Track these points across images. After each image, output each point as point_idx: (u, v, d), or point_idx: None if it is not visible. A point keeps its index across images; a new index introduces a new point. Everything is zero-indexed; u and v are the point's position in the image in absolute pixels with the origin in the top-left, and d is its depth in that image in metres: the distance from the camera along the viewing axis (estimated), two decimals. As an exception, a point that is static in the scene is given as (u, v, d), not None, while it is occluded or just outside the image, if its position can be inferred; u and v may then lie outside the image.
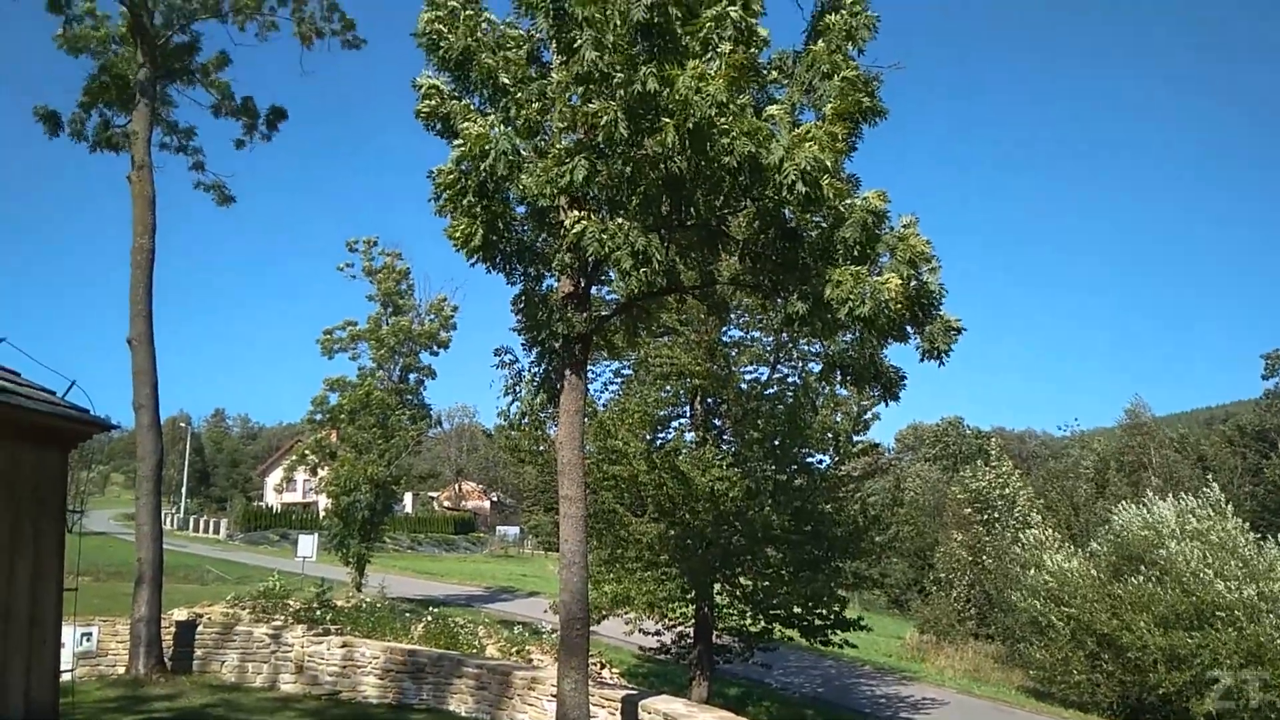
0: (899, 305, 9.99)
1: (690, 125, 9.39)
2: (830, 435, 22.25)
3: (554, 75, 11.20)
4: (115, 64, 20.41)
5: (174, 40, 20.92)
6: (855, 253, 10.27)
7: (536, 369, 12.68)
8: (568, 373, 12.26)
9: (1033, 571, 34.98)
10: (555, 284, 12.65)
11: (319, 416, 35.67)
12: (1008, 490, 51.60)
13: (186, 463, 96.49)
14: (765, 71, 11.72)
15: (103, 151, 20.96)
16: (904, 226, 10.68)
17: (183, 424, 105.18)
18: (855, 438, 22.58)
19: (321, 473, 36.35)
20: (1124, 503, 35.73)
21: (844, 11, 10.84)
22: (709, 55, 9.68)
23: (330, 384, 35.37)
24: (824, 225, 10.60)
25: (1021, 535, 40.78)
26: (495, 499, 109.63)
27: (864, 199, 10.36)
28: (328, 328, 35.75)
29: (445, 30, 11.33)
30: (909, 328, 10.88)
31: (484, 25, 11.76)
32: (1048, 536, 38.95)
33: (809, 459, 22.66)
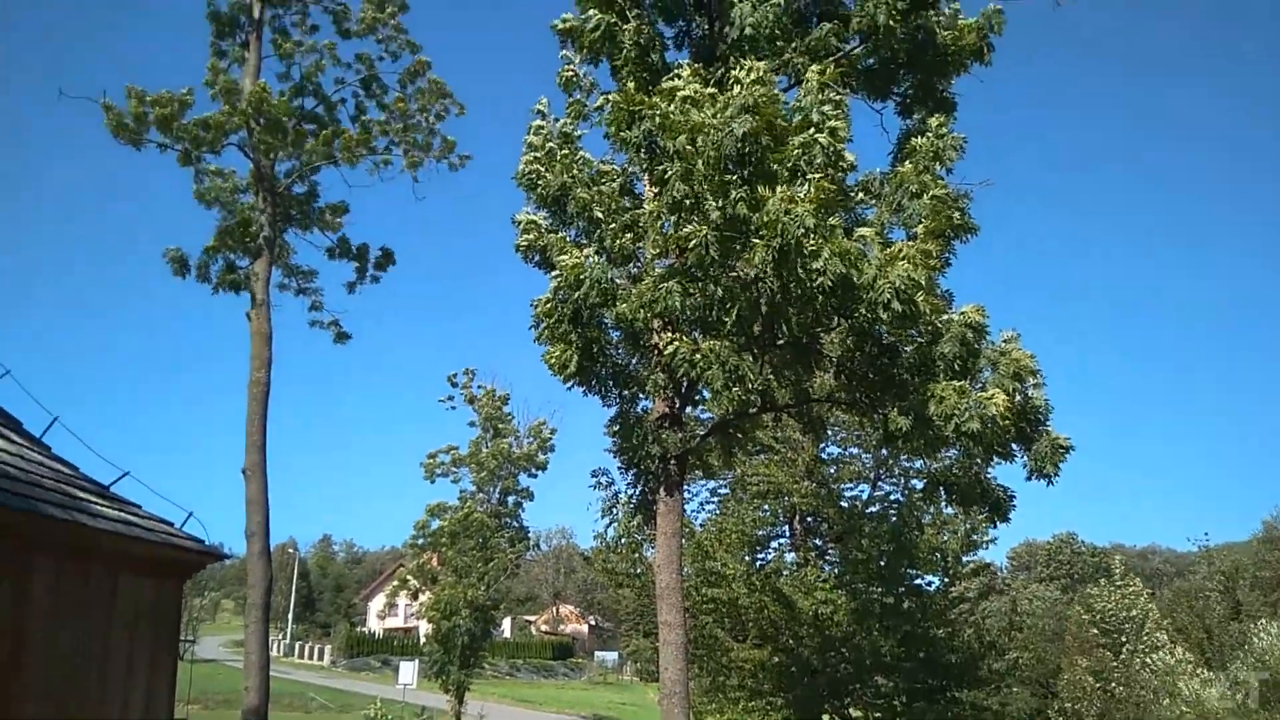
0: (1006, 421, 9.75)
1: (780, 247, 9.53)
2: (939, 555, 21.47)
3: (646, 205, 11.57)
4: (241, 212, 21.83)
5: (294, 189, 22.35)
6: (956, 368, 10.14)
7: (633, 491, 12.69)
8: (663, 494, 12.22)
9: (1167, 700, 32.48)
10: (650, 405, 12.75)
11: (421, 540, 36.10)
12: (1135, 611, 48.51)
13: (294, 589, 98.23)
14: (853, 193, 11.89)
15: (225, 292, 22.23)
16: (1005, 341, 10.53)
17: (290, 550, 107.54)
18: (965, 558, 21.72)
19: (422, 597, 36.54)
20: (1263, 621, 33.19)
21: (930, 135, 11.00)
22: (798, 180, 9.88)
23: (432, 509, 35.89)
24: (921, 341, 10.51)
25: (1150, 660, 38.11)
26: (593, 623, 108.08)
27: (961, 313, 10.27)
28: (431, 451, 36.52)
29: (543, 170, 11.86)
30: (1015, 445, 10.59)
31: (579, 162, 12.28)
32: (1180, 661, 36.29)
33: (918, 581, 21.84)
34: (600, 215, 11.91)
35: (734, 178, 9.96)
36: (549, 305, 11.21)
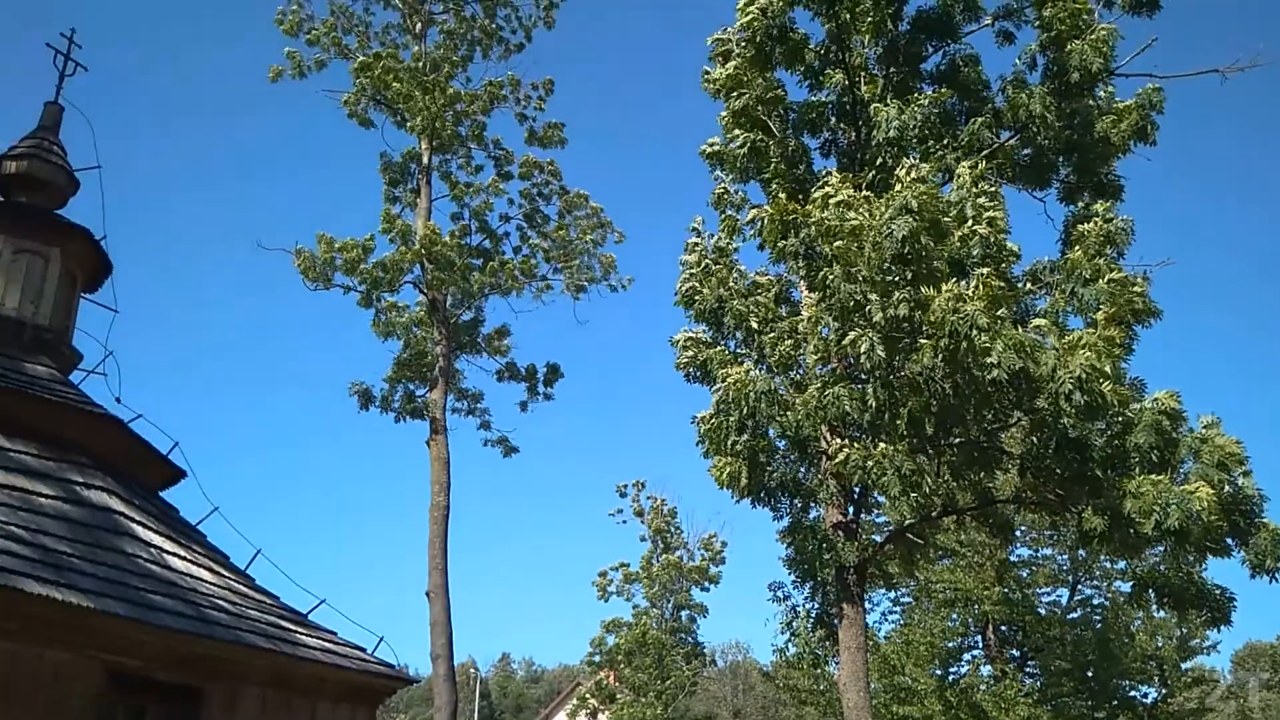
0: (1213, 516, 8.98)
1: (950, 346, 9.28)
2: (1153, 664, 19.65)
3: (804, 311, 11.55)
4: (417, 344, 23.15)
5: (463, 318, 23.58)
6: (1153, 459, 9.49)
7: (811, 604, 12.30)
8: (844, 606, 11.77)
9: None
10: (823, 515, 12.44)
11: (598, 658, 35.97)
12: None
13: (476, 710, 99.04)
14: (1020, 283, 11.52)
15: (406, 420, 23.41)
16: (1205, 427, 9.79)
17: (472, 670, 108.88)
18: (1184, 665, 19.80)
19: (602, 717, 36.17)
20: None
21: (1097, 219, 10.62)
22: (962, 276, 9.67)
23: (607, 625, 35.83)
24: (1111, 433, 9.91)
25: None
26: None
27: (1153, 400, 9.66)
28: (602, 569, 36.70)
29: (700, 285, 12.07)
30: (1229, 540, 9.71)
31: (734, 276, 12.43)
32: None
33: (1130, 692, 20.01)
34: (756, 325, 11.97)
35: (896, 278, 9.83)
36: (713, 419, 11.23)
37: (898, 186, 9.74)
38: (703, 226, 12.85)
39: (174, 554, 7.80)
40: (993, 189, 9.95)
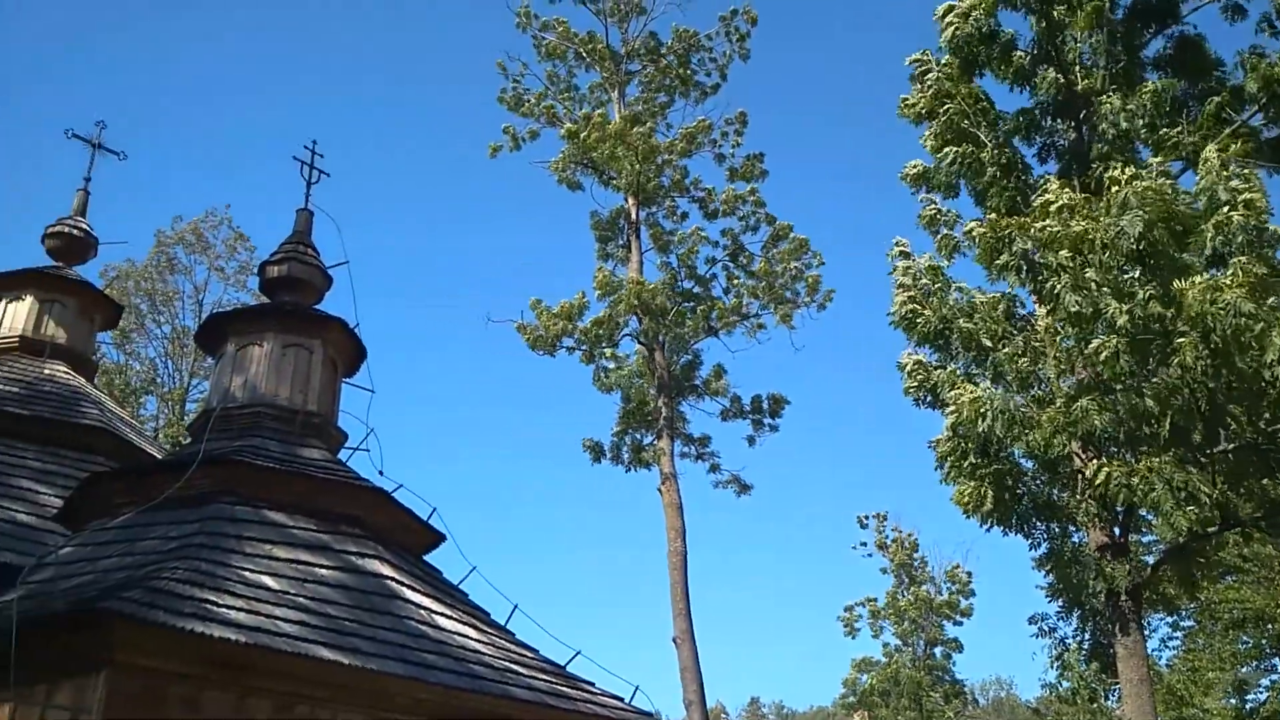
0: None
1: (1213, 342, 8.50)
2: None
3: (1039, 324, 10.93)
4: (638, 393, 23.72)
5: (680, 363, 23.95)
6: None
7: (1081, 634, 11.47)
8: (1120, 635, 10.88)
9: None
10: (1085, 538, 11.60)
11: (851, 699, 34.99)
12: None
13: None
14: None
15: (636, 470, 23.94)
16: None
17: (722, 716, 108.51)
18: None
19: (861, 761, 35.02)
20: None
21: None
22: (1220, 266, 8.87)
23: (858, 664, 34.85)
24: None
25: None
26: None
27: None
28: (848, 605, 35.82)
29: (919, 307, 11.70)
30: None
31: (954, 295, 11.96)
32: None
33: None
34: (988, 343, 11.43)
35: (1133, 277, 9.15)
36: (950, 444, 10.79)
37: (1114, 188, 9.11)
38: (910, 248, 12.50)
39: (441, 614, 8.26)
40: (1245, 171, 9.07)
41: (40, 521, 9.26)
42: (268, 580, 7.06)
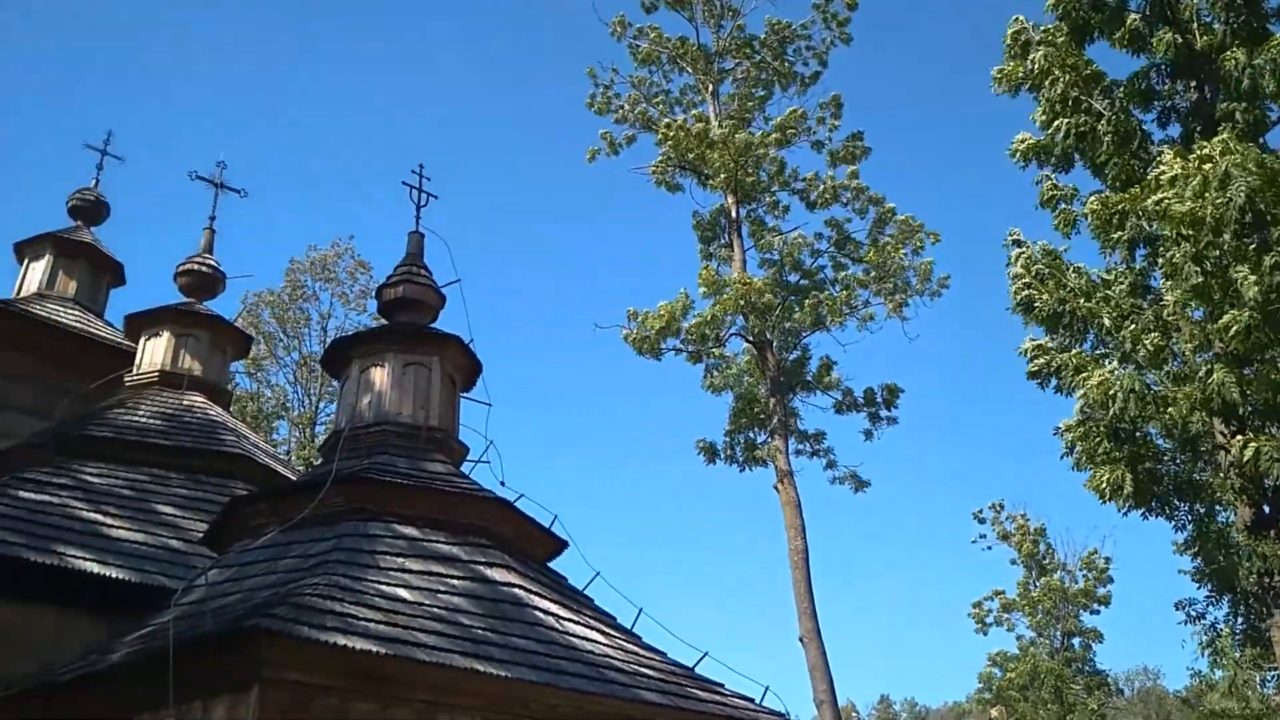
0: None
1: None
2: None
3: (1168, 297, 10.45)
4: (748, 392, 23.58)
5: (789, 359, 23.70)
6: None
7: (1233, 618, 10.88)
8: (1276, 617, 10.29)
9: None
10: (1232, 517, 11.02)
11: (987, 695, 33.99)
12: None
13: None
14: None
15: (750, 469, 23.79)
16: None
17: (853, 714, 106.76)
18: None
19: (1001, 757, 33.97)
20: None
21: None
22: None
23: (993, 659, 33.84)
24: None
25: None
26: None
27: None
28: (976, 599, 34.84)
29: (1036, 292, 11.32)
30: None
31: (1071, 275, 11.53)
32: None
33: None
34: (1110, 323, 10.97)
35: (1253, 247, 8.66)
36: (1080, 428, 10.41)
37: (1208, 164, 8.63)
38: (1022, 235, 12.11)
39: (569, 620, 8.39)
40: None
41: (188, 546, 9.77)
42: (402, 592, 7.30)
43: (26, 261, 15.71)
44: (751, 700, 8.71)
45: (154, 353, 12.87)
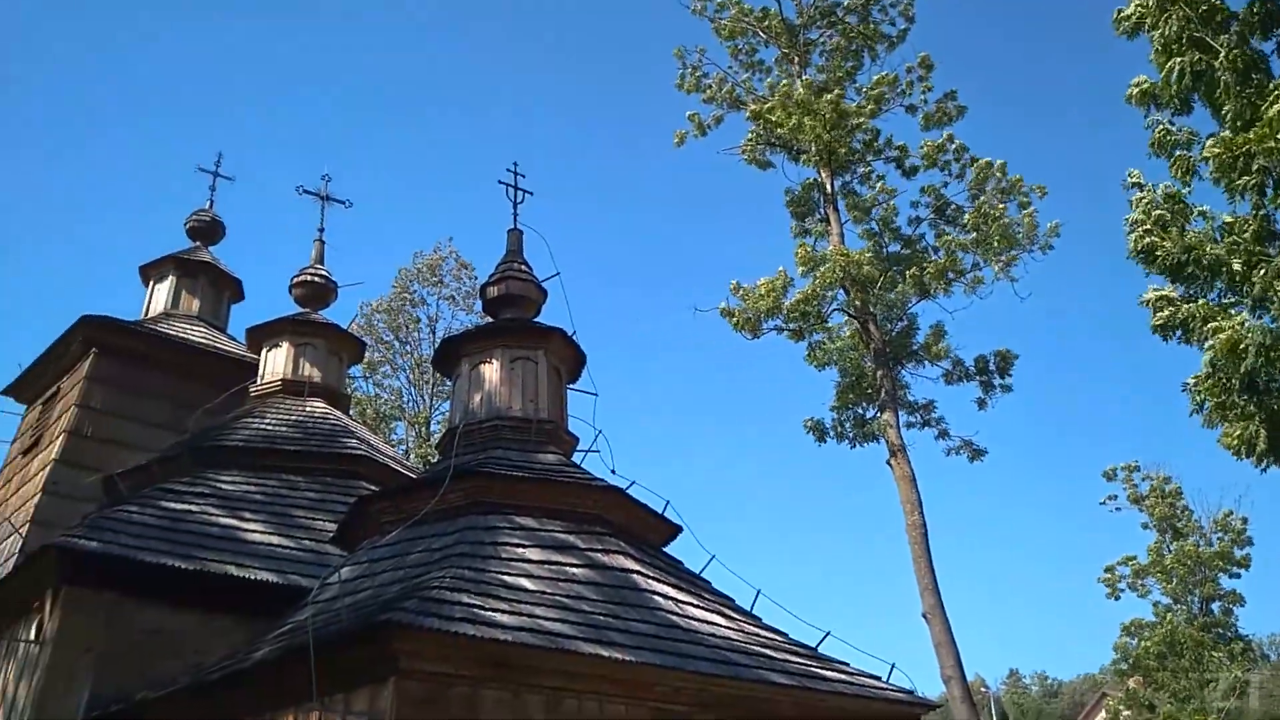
0: None
1: None
2: None
3: (1302, 238, 9.84)
4: (854, 366, 23.18)
5: (894, 330, 23.19)
6: None
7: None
8: None
9: None
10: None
11: (1124, 665, 32.80)
12: None
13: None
14: None
15: (861, 445, 23.39)
16: None
17: (981, 689, 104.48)
18: None
19: (1142, 730, 32.75)
20: None
21: None
22: None
23: (1127, 627, 32.62)
24: None
25: None
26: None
27: None
28: (1108, 565, 33.59)
29: (1158, 239, 10.80)
30: None
31: (1194, 220, 10.95)
32: None
33: None
34: (1240, 268, 10.38)
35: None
36: (1209, 382, 9.89)
37: None
38: (1142, 178, 11.52)
39: (688, 603, 8.44)
40: None
41: (319, 546, 10.20)
42: (525, 582, 7.46)
43: (152, 283, 16.60)
44: (878, 678, 8.62)
45: (275, 362, 13.44)
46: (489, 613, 6.53)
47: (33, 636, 8.88)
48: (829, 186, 23.55)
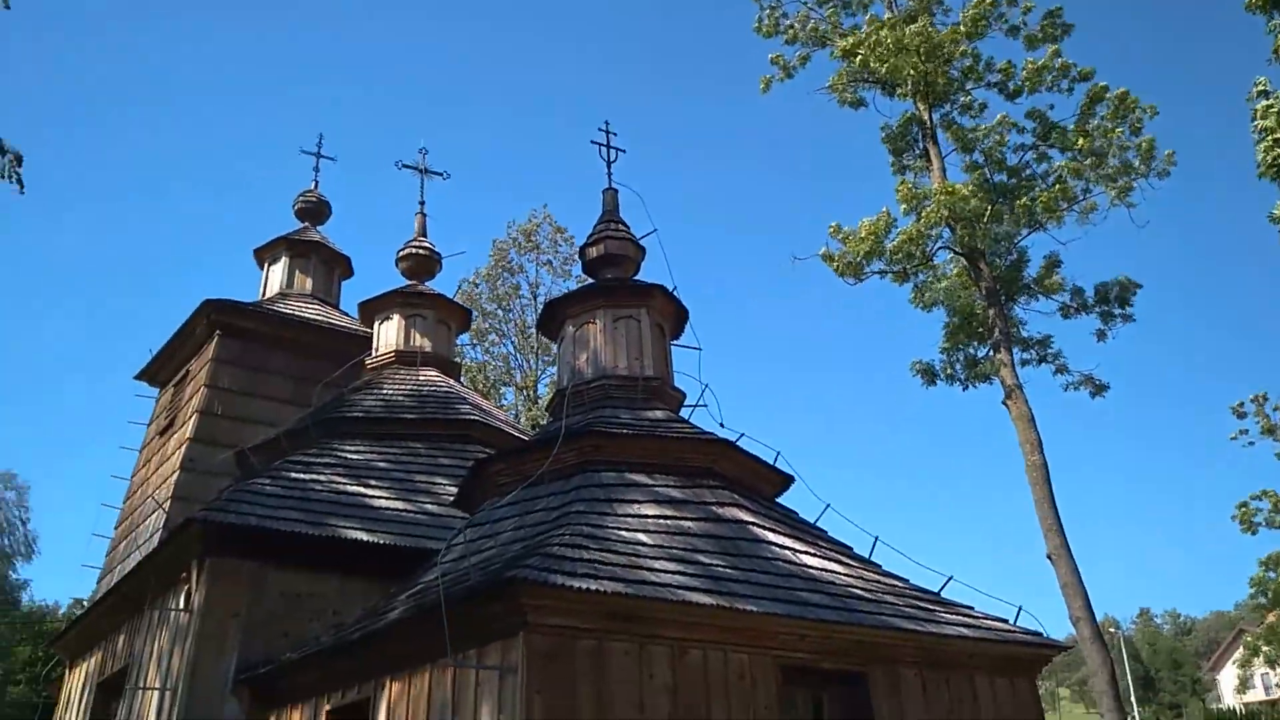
0: None
1: None
2: None
3: None
4: (964, 305, 22.43)
5: (1005, 263, 22.32)
6: None
7: None
8: None
9: None
10: None
11: (1262, 600, 31.42)
12: None
13: (1127, 670, 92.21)
14: None
15: (974, 386, 22.70)
16: None
17: (1111, 630, 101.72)
18: None
19: (1285, 666, 31.43)
20: None
21: None
22: None
23: (1265, 562, 31.17)
24: None
25: None
26: None
27: None
28: (1242, 500, 32.05)
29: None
30: None
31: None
32: None
33: None
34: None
35: None
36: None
37: None
38: (1268, 85, 10.81)
39: (805, 552, 8.41)
40: None
41: (441, 508, 10.52)
42: (642, 536, 7.54)
43: (266, 265, 17.23)
44: (1005, 620, 8.45)
45: (387, 335, 13.83)
46: (609, 567, 6.63)
47: (182, 605, 9.43)
48: (928, 119, 22.70)
